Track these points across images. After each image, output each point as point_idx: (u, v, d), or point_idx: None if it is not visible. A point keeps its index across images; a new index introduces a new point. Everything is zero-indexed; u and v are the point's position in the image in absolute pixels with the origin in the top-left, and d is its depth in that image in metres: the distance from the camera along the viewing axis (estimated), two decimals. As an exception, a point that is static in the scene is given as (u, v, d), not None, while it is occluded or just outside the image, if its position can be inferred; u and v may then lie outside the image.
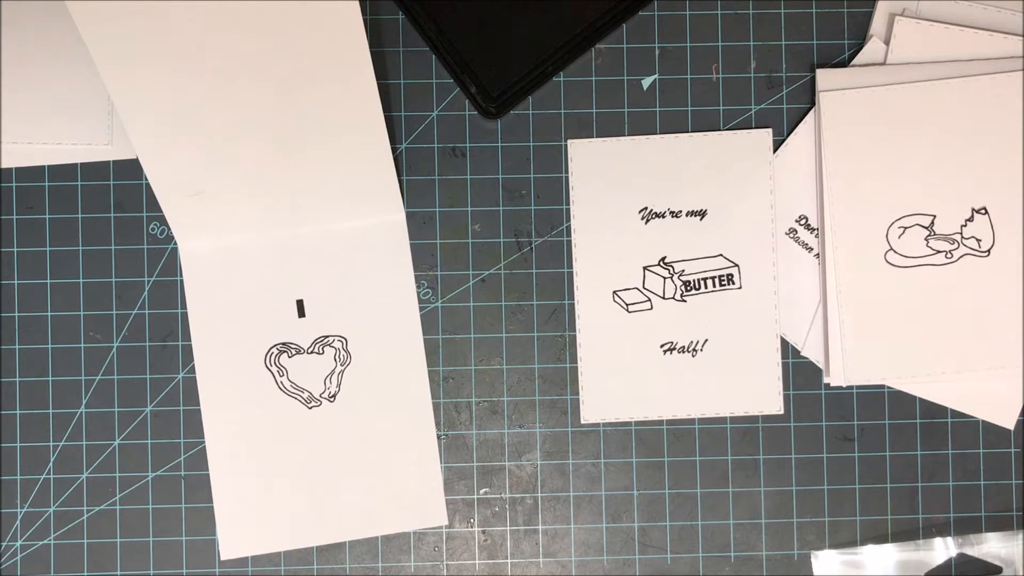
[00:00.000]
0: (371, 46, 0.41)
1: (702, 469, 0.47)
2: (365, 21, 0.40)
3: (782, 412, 0.47)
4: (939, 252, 0.47)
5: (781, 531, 0.47)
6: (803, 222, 0.48)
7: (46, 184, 0.47)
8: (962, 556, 0.47)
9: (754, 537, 0.47)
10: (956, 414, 0.48)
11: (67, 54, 0.46)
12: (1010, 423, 0.47)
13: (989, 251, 0.47)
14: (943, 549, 0.47)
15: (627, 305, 0.47)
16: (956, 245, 0.47)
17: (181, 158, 0.44)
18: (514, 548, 0.47)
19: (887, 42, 0.47)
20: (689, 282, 0.47)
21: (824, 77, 0.47)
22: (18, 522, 0.47)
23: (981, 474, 0.48)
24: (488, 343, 0.47)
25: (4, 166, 0.47)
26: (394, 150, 0.47)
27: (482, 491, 0.47)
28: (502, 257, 0.48)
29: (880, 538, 0.48)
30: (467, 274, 0.47)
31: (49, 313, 0.47)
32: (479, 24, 0.46)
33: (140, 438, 0.47)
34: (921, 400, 0.48)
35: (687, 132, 0.47)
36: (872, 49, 0.47)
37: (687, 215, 0.47)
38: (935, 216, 0.47)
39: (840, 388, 0.47)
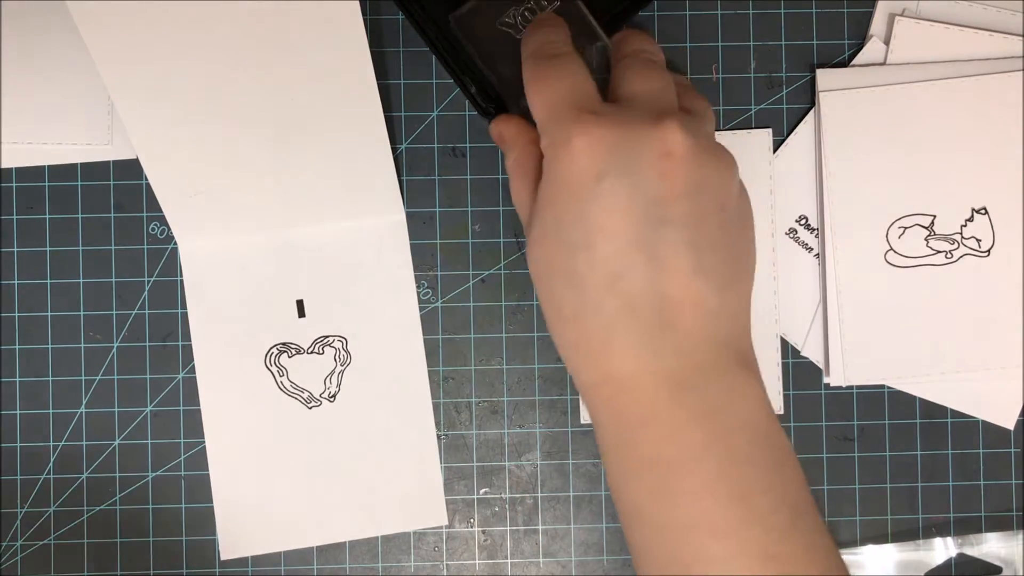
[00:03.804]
0: (371, 46, 0.41)
1: (702, 469, 0.47)
2: (365, 21, 0.40)
3: (782, 412, 0.47)
4: (939, 252, 0.47)
5: (781, 531, 0.47)
6: (803, 222, 0.48)
7: (46, 184, 0.47)
8: (962, 556, 0.47)
9: (754, 537, 0.47)
10: (956, 414, 0.48)
11: (67, 54, 0.46)
12: (1010, 423, 0.47)
13: (989, 251, 0.47)
14: (943, 549, 0.47)
15: (627, 305, 0.47)
16: (956, 245, 0.47)
17: (181, 158, 0.44)
18: (514, 548, 0.47)
19: (887, 42, 0.47)
20: (689, 282, 0.47)
21: (824, 77, 0.47)
22: (18, 522, 0.47)
23: (981, 474, 0.48)
24: (488, 343, 0.47)
25: (4, 166, 0.47)
26: (394, 150, 0.47)
27: (482, 491, 0.47)
28: (502, 257, 0.48)
29: (880, 538, 0.48)
30: (467, 274, 0.47)
31: (49, 313, 0.47)
32: (479, 24, 0.46)
33: (140, 438, 0.47)
34: (921, 400, 0.48)
35: (687, 132, 0.47)
36: (872, 49, 0.47)
37: (687, 215, 0.47)
38: (935, 216, 0.47)
39: (840, 388, 0.47)
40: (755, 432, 0.35)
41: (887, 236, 0.47)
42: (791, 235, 0.48)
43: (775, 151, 0.48)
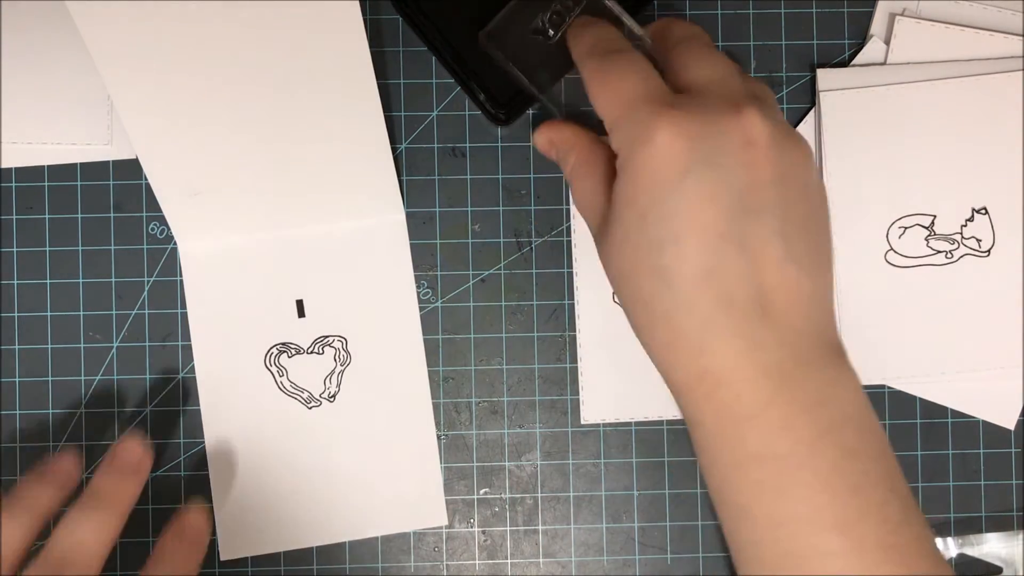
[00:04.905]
0: (371, 46, 0.41)
1: (702, 469, 0.47)
2: (365, 21, 0.40)
3: (782, 412, 0.47)
4: (939, 252, 0.47)
5: (781, 531, 0.47)
6: (803, 222, 0.47)
7: (46, 184, 0.47)
8: (962, 556, 0.47)
9: (754, 537, 0.47)
10: (956, 414, 0.48)
11: (67, 54, 0.46)
12: (1010, 423, 0.47)
13: (989, 251, 0.47)
14: (943, 549, 0.47)
15: (627, 305, 0.47)
16: (956, 245, 0.47)
17: (181, 158, 0.44)
18: (514, 548, 0.47)
19: (887, 42, 0.47)
20: (689, 282, 0.47)
21: (824, 77, 0.47)
22: (18, 522, 0.47)
23: (981, 474, 0.48)
24: (488, 343, 0.47)
25: (4, 166, 0.47)
26: (394, 150, 0.47)
27: (482, 491, 0.47)
28: (502, 257, 0.48)
29: (880, 538, 0.48)
30: (467, 274, 0.47)
31: (49, 313, 0.47)
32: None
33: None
34: (921, 400, 0.48)
35: (687, 132, 0.47)
36: (872, 49, 0.47)
37: (687, 215, 0.47)
38: (935, 216, 0.47)
39: (840, 388, 0.47)
40: (860, 423, 0.35)
41: (887, 236, 0.47)
42: (791, 235, 0.48)
43: (775, 151, 0.47)
